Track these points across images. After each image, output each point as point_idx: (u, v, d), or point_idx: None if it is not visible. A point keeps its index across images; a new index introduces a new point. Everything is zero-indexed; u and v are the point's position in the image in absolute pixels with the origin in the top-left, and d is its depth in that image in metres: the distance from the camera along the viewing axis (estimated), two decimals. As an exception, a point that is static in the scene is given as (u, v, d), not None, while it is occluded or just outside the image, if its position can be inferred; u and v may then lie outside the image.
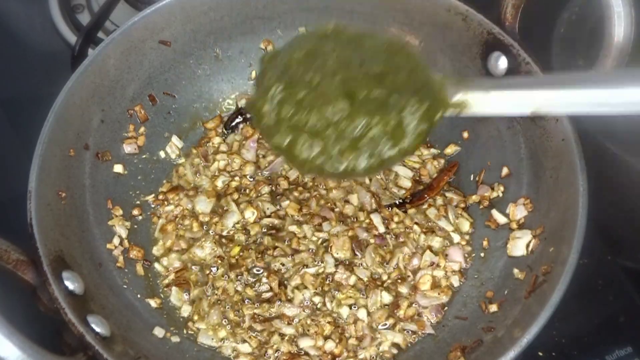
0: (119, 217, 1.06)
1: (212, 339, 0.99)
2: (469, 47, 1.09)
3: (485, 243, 1.06)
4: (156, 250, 1.08)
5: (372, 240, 1.06)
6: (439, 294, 1.02)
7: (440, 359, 0.94)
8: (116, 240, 1.04)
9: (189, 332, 1.00)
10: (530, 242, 0.99)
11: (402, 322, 1.00)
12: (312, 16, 1.19)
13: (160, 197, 1.12)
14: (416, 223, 1.08)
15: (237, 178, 1.14)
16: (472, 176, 1.12)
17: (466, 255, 1.05)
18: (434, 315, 1.00)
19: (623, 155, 1.12)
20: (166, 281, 1.04)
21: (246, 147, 1.16)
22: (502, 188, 1.08)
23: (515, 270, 0.98)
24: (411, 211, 1.10)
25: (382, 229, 1.07)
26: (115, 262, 1.02)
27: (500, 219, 1.06)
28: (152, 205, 1.11)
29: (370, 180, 1.12)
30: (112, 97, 1.08)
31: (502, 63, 1.05)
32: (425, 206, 1.10)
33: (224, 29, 1.17)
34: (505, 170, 1.07)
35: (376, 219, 1.08)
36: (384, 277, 1.04)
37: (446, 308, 1.01)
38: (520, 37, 1.03)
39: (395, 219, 1.09)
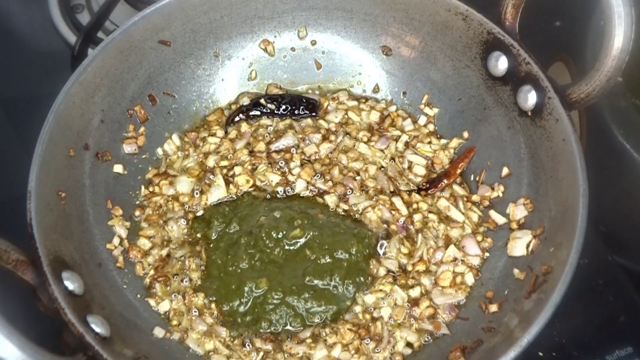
0: (119, 217, 1.06)
1: (198, 345, 0.98)
2: (469, 47, 1.09)
3: (485, 243, 1.06)
4: (142, 244, 1.06)
5: (394, 227, 1.05)
6: (456, 291, 1.01)
7: (440, 359, 0.94)
8: (116, 240, 1.04)
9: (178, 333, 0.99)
10: (530, 242, 0.99)
11: (419, 320, 0.98)
12: (311, 16, 1.19)
13: (150, 189, 1.11)
14: (431, 212, 1.08)
15: (229, 156, 1.13)
16: (472, 176, 1.12)
17: (484, 247, 1.04)
18: (448, 314, 0.99)
19: (632, 152, 1.11)
20: (148, 280, 1.03)
21: (239, 138, 1.16)
22: (502, 188, 1.08)
23: (516, 270, 0.98)
24: (426, 201, 1.10)
25: (405, 212, 1.06)
26: (115, 262, 1.02)
27: (499, 219, 1.05)
28: (144, 200, 1.10)
29: (387, 164, 1.12)
30: (112, 97, 1.08)
31: (502, 63, 1.05)
32: (434, 199, 1.09)
33: (224, 29, 1.17)
34: (505, 170, 1.07)
35: (398, 202, 1.08)
36: (409, 268, 1.03)
37: (462, 304, 1.00)
38: (520, 37, 1.03)
39: (414, 205, 1.08)
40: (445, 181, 1.10)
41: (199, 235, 1.07)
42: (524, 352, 0.82)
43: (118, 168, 1.09)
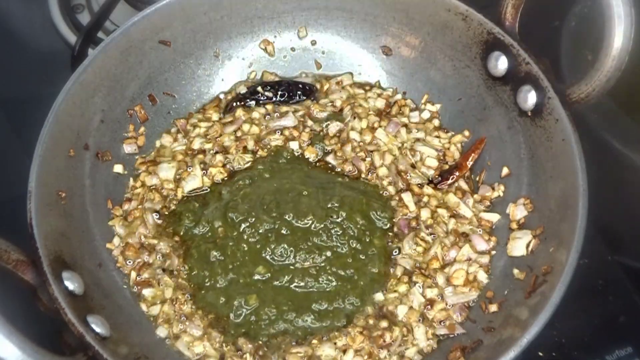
0: (119, 217, 1.06)
1: (187, 348, 0.96)
2: (469, 47, 1.09)
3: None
4: (116, 241, 1.03)
5: (401, 222, 1.04)
6: (469, 289, 0.99)
7: (440, 359, 0.94)
8: (116, 240, 1.04)
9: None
10: (530, 242, 0.99)
11: (434, 323, 0.97)
12: (311, 16, 1.19)
13: (137, 182, 1.09)
14: (439, 207, 1.07)
15: (217, 138, 1.12)
16: (472, 176, 1.12)
17: (492, 246, 1.03)
18: (459, 315, 0.98)
19: (624, 150, 1.12)
20: (132, 284, 1.00)
21: (231, 123, 1.15)
22: (502, 188, 1.07)
23: (515, 271, 0.98)
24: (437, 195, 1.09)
25: (412, 208, 1.05)
26: (115, 262, 1.02)
27: (492, 217, 1.05)
28: (131, 192, 1.09)
29: (397, 158, 1.11)
30: (112, 97, 1.08)
31: (502, 63, 1.05)
32: (444, 194, 1.08)
33: (224, 29, 1.17)
34: (505, 170, 1.07)
35: (407, 197, 1.06)
36: (423, 266, 1.02)
37: (472, 305, 0.99)
38: (520, 37, 1.03)
39: (425, 198, 1.07)
40: (457, 174, 1.09)
41: (170, 229, 1.05)
42: (524, 352, 0.82)
43: (118, 168, 1.09)
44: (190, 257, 1.01)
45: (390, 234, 1.04)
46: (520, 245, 1.00)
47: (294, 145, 1.11)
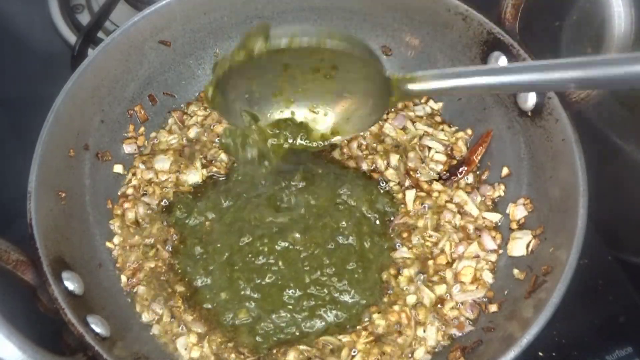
0: (119, 217, 1.06)
1: (185, 348, 0.96)
2: (469, 47, 1.09)
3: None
4: (117, 240, 1.04)
5: (395, 221, 1.04)
6: (477, 287, 0.99)
7: (440, 359, 0.94)
8: (116, 240, 1.04)
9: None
10: (530, 242, 0.99)
11: (447, 321, 0.97)
12: (311, 16, 1.19)
13: (132, 172, 1.10)
14: (447, 202, 1.06)
15: (213, 126, 1.13)
16: (479, 172, 1.12)
17: (498, 243, 1.03)
18: (471, 312, 0.97)
19: (625, 147, 1.12)
20: (125, 285, 1.01)
21: None
22: (502, 188, 1.08)
23: (515, 271, 0.98)
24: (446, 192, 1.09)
25: (410, 207, 1.06)
26: (115, 262, 1.02)
27: (493, 217, 1.05)
28: (126, 185, 1.09)
29: (407, 156, 1.11)
30: (112, 97, 1.08)
31: (502, 63, 1.05)
32: (452, 190, 1.08)
33: (224, 29, 1.17)
34: (505, 170, 1.07)
35: (409, 196, 1.06)
36: (431, 262, 1.02)
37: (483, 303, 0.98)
38: (520, 37, 1.03)
39: (434, 194, 1.07)
40: (466, 169, 1.09)
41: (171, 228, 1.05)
42: (524, 352, 0.82)
43: (118, 168, 1.09)
44: (189, 258, 1.02)
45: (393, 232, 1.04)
46: (520, 245, 1.00)
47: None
